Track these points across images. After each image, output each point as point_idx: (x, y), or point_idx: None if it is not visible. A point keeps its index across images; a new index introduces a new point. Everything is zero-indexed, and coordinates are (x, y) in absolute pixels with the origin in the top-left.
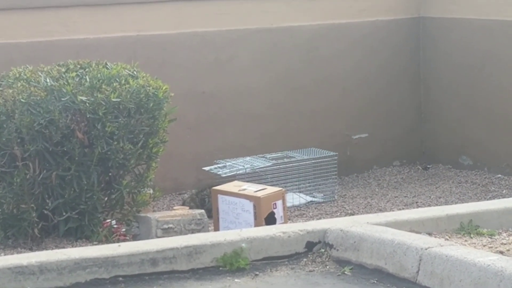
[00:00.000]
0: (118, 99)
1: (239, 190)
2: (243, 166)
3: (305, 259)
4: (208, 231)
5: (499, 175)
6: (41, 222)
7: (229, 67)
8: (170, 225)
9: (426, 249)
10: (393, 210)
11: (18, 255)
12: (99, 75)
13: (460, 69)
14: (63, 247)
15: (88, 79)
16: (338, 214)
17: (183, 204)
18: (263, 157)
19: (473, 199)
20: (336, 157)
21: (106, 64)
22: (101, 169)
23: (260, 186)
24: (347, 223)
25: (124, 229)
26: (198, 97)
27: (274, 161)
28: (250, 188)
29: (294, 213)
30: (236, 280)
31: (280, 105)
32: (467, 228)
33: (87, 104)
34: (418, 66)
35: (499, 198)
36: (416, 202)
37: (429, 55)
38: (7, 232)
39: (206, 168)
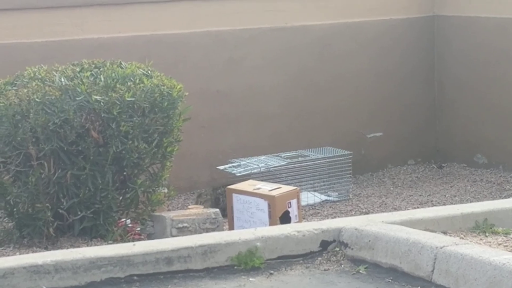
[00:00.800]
0: (133, 99)
1: (254, 189)
2: (258, 165)
3: (319, 258)
4: (223, 230)
5: None
6: (56, 221)
7: (242, 66)
8: (185, 224)
9: (441, 248)
10: (408, 209)
11: (34, 254)
12: (113, 75)
13: (474, 68)
14: (78, 246)
15: (102, 79)
16: (353, 213)
17: (198, 198)
18: (277, 156)
19: (488, 198)
20: (350, 156)
21: (120, 63)
22: (116, 168)
23: (275, 185)
24: (361, 222)
25: (138, 228)
26: (212, 96)
27: (288, 160)
28: (265, 187)
29: (309, 212)
30: (251, 279)
31: (294, 104)
32: (482, 226)
33: (102, 104)
34: (432, 65)
35: None
36: (431, 201)
37: (443, 54)
38: (23, 231)
39: (221, 167)
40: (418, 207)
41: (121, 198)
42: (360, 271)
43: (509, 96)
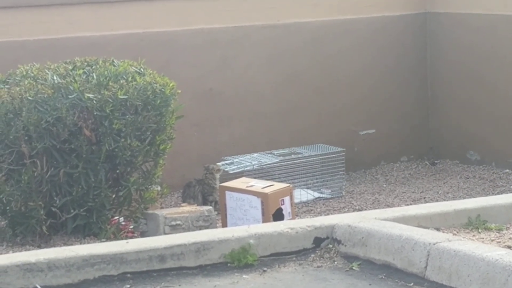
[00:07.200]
0: (125, 96)
1: (247, 187)
2: (251, 162)
3: (313, 255)
4: (216, 227)
5: (507, 170)
6: (49, 219)
7: (235, 64)
8: (178, 222)
9: (434, 244)
10: (400, 206)
11: (27, 252)
12: (106, 73)
13: (466, 64)
14: (71, 244)
15: (95, 77)
16: (346, 210)
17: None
18: (270, 153)
19: (481, 194)
20: (343, 153)
21: (113, 61)
22: (109, 166)
23: (268, 183)
24: (354, 219)
25: (132, 226)
26: (204, 94)
27: (281, 158)
28: (258, 185)
29: (302, 209)
30: (244, 276)
31: (287, 101)
32: (475, 223)
33: (94, 102)
34: (425, 62)
35: (507, 193)
36: (424, 198)
37: (435, 51)
38: (15, 229)
39: None
40: (411, 204)
41: (114, 196)
42: (353, 268)
43: (500, 93)
